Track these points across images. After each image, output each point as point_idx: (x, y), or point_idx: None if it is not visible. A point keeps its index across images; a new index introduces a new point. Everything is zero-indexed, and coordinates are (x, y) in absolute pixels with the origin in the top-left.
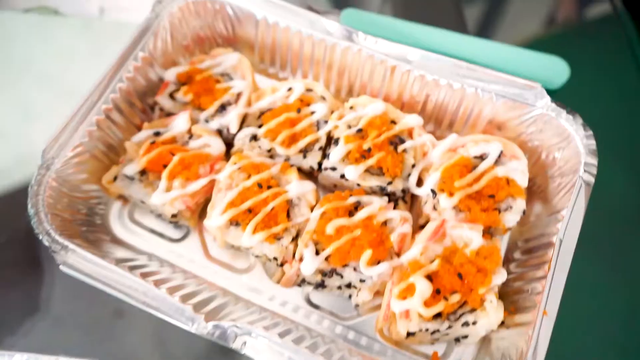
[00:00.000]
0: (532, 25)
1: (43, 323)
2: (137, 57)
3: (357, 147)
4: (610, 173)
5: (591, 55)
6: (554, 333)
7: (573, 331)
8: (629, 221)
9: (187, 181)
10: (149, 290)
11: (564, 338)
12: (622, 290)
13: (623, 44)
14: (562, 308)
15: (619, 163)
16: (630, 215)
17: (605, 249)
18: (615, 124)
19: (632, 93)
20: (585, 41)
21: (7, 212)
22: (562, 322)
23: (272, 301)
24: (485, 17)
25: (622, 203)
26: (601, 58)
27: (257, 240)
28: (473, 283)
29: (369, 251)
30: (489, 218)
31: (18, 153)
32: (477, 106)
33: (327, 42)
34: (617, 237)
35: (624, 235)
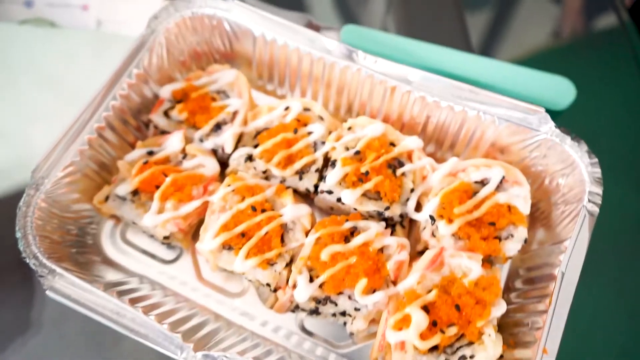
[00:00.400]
0: (538, 39)
1: (32, 343)
2: (132, 74)
3: (355, 170)
4: (616, 196)
5: (597, 70)
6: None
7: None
8: (635, 248)
9: (180, 203)
10: (137, 317)
11: None
12: (626, 324)
13: (629, 57)
14: (563, 344)
15: (624, 185)
16: (636, 241)
17: (609, 278)
18: (622, 144)
19: (638, 109)
20: (591, 54)
21: (5, 214)
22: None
23: (264, 327)
24: (490, 31)
25: (628, 228)
26: (608, 73)
27: (250, 266)
28: (471, 315)
29: (364, 280)
30: (489, 247)
31: (18, 155)
32: (479, 129)
33: (326, 60)
34: (622, 265)
35: (630, 264)
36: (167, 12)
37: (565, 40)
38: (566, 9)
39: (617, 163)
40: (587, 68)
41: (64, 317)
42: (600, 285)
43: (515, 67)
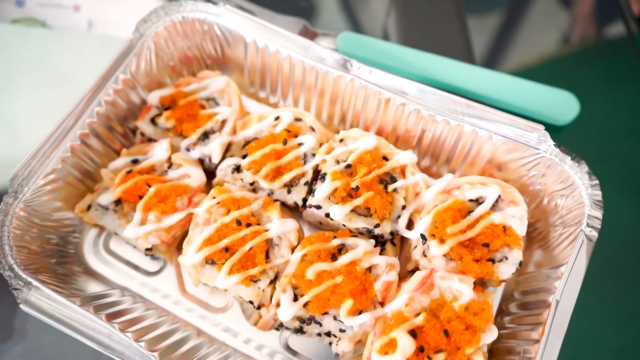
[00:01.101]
0: (542, 50)
1: (8, 354)
2: (118, 80)
3: (344, 185)
4: (617, 215)
5: (603, 83)
6: None
7: None
8: (635, 273)
9: (163, 214)
10: (113, 333)
11: None
12: (623, 352)
13: (636, 68)
14: None
15: (626, 205)
16: (636, 266)
17: (608, 303)
18: (625, 162)
19: None
20: (597, 66)
21: None
22: None
23: (248, 344)
24: (494, 41)
25: (629, 252)
26: (614, 86)
27: (232, 283)
28: (460, 341)
29: (349, 301)
30: (481, 269)
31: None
32: (475, 144)
33: (319, 69)
34: (620, 291)
35: (629, 290)
36: (156, 16)
37: (571, 51)
38: (573, 19)
39: (619, 182)
40: (592, 80)
41: (46, 327)
42: (598, 311)
43: (517, 80)
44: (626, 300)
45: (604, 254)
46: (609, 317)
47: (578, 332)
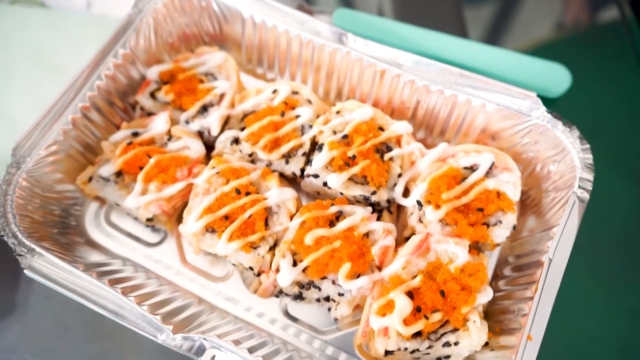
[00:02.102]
0: (536, 31)
1: (11, 327)
2: (118, 54)
3: (341, 154)
4: (608, 185)
5: (596, 63)
6: (540, 358)
7: (562, 357)
8: (626, 237)
9: (164, 184)
10: (116, 298)
11: None
12: (617, 312)
13: (630, 52)
14: (549, 332)
15: (617, 175)
16: (627, 229)
17: (599, 266)
18: (616, 134)
19: (636, 103)
20: (591, 47)
21: None
22: (550, 347)
23: (248, 312)
24: (488, 22)
25: (619, 217)
26: (606, 66)
27: (233, 249)
28: (456, 301)
29: (347, 264)
30: (476, 233)
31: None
32: (469, 114)
33: (315, 42)
34: (612, 254)
35: (620, 252)
36: None
37: (565, 33)
38: (568, 3)
39: (610, 152)
40: (585, 59)
41: (48, 297)
42: (590, 275)
43: (510, 53)
44: (615, 267)
45: (594, 220)
46: (602, 284)
47: (567, 293)
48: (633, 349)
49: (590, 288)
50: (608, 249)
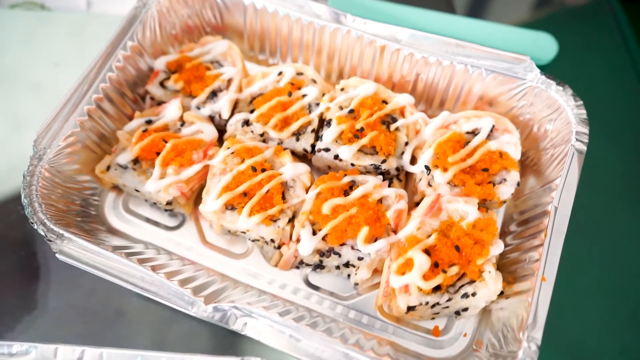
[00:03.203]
0: (521, 7)
1: (41, 316)
2: (126, 47)
3: (350, 127)
4: (600, 145)
5: (580, 36)
6: (553, 301)
7: (571, 298)
8: (620, 190)
9: (181, 167)
10: (146, 275)
11: (563, 305)
12: (617, 258)
13: (612, 26)
14: (559, 276)
15: (607, 136)
16: (620, 184)
17: (598, 218)
18: (602, 99)
19: (620, 71)
20: (574, 22)
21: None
22: (560, 290)
23: (271, 284)
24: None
25: (613, 173)
26: (590, 39)
27: (254, 223)
28: (471, 255)
29: (365, 228)
30: (484, 191)
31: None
32: (467, 83)
33: (316, 24)
34: (609, 207)
35: (616, 205)
36: None
37: (549, 9)
38: None
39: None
40: (569, 33)
41: (73, 287)
42: (590, 226)
43: (497, 26)
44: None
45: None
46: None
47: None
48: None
49: (588, 238)
50: (602, 204)
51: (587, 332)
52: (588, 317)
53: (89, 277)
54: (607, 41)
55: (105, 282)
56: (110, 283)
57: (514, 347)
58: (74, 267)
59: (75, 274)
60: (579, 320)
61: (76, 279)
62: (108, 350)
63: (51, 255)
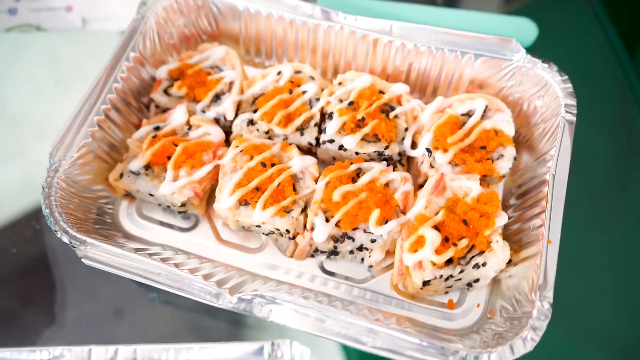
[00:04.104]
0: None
1: (67, 323)
2: (129, 58)
3: (352, 118)
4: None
5: (557, 20)
6: (558, 263)
7: (575, 260)
8: (607, 158)
9: (193, 169)
10: (170, 273)
11: (569, 268)
12: (617, 222)
13: (586, 8)
14: (562, 239)
15: (590, 108)
16: (608, 152)
17: (592, 187)
18: (582, 76)
19: (595, 49)
20: (549, 7)
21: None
22: (564, 253)
23: (287, 274)
24: None
25: (598, 141)
26: (564, 21)
27: (269, 215)
28: (478, 227)
29: (377, 211)
30: (484, 167)
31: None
32: (457, 69)
33: (310, 24)
34: (601, 177)
35: (604, 173)
36: None
37: None
38: None
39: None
40: (546, 15)
41: (93, 293)
42: (585, 194)
43: (477, 14)
44: (610, 190)
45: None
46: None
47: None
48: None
49: (585, 204)
50: (594, 176)
51: (593, 293)
52: (593, 278)
53: (107, 283)
54: (582, 21)
55: (123, 286)
56: (127, 286)
57: (528, 307)
58: (91, 275)
59: (93, 282)
60: (584, 282)
61: (95, 286)
62: (141, 347)
63: (68, 266)
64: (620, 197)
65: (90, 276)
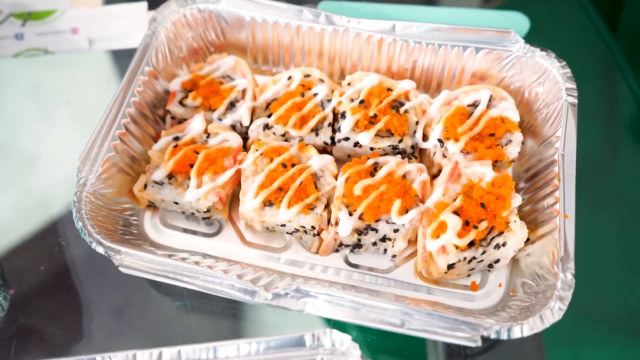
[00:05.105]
0: None
1: (102, 334)
2: (144, 72)
3: (364, 115)
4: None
5: (546, 12)
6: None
7: (591, 233)
8: (606, 138)
9: (215, 175)
10: (203, 275)
11: (586, 241)
12: (625, 197)
13: (576, 5)
14: (577, 215)
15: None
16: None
17: (595, 162)
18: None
19: (584, 38)
20: (540, 3)
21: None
22: (579, 228)
23: (313, 270)
24: None
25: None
26: (556, 13)
27: (294, 213)
28: (495, 209)
29: (398, 201)
30: (494, 153)
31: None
32: (460, 63)
33: (315, 29)
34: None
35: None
36: (162, 14)
37: None
38: None
39: None
40: (538, 9)
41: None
42: (591, 174)
43: (469, 10)
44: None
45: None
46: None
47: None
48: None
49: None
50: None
51: (610, 262)
52: (608, 251)
53: (131, 296)
54: (572, 17)
55: (149, 298)
56: (153, 297)
57: (551, 280)
58: (119, 287)
59: (130, 286)
60: (600, 253)
61: (133, 289)
62: (185, 347)
63: (95, 279)
64: (612, 175)
65: (117, 288)
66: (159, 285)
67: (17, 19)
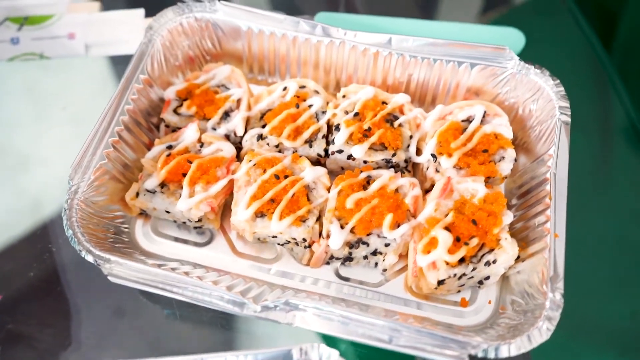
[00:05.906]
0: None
1: (97, 334)
2: (139, 80)
3: (358, 128)
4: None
5: (539, 28)
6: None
7: (581, 251)
8: (597, 156)
9: (208, 184)
10: (193, 285)
11: (576, 258)
12: (617, 214)
13: (571, 21)
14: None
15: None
16: (596, 153)
17: (586, 182)
18: (571, 83)
19: (579, 55)
20: (532, 17)
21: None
22: (570, 246)
23: (304, 282)
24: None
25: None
26: (545, 28)
27: (285, 225)
28: (487, 226)
29: (389, 215)
30: (487, 169)
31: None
32: (455, 78)
33: (312, 40)
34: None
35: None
36: (159, 22)
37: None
38: None
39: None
40: (532, 25)
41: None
42: (583, 191)
43: (465, 25)
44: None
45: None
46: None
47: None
48: None
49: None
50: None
51: (600, 280)
52: (599, 269)
53: (121, 303)
54: (566, 32)
55: (139, 305)
56: (143, 305)
57: (540, 299)
58: (109, 294)
59: (120, 296)
60: (591, 271)
61: (110, 306)
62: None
63: (85, 285)
64: (605, 192)
65: (104, 296)
66: (149, 294)
67: (14, 23)
